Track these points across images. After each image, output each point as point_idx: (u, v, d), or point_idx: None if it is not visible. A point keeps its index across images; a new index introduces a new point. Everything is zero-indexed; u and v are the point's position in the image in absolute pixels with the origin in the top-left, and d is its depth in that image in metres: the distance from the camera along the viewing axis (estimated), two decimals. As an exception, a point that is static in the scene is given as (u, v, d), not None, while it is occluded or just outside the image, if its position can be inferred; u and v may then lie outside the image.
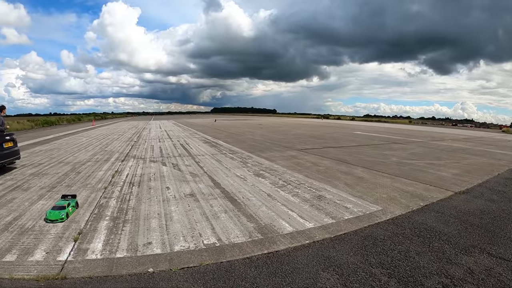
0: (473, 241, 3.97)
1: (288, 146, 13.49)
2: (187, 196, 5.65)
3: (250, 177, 7.28)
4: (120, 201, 5.41)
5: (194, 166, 8.65)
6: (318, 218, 4.66)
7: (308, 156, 10.66)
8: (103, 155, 10.99)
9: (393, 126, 38.68)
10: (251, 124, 34.45)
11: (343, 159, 10.29)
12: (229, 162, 9.33)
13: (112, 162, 9.45)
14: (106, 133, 22.92)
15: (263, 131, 23.53)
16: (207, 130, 24.60)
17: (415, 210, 5.16)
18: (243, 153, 11.19)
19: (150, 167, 8.47)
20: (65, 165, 9.10)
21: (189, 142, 14.93)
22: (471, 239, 4.01)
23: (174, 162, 9.23)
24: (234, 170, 8.13)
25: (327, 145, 14.42)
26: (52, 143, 15.81)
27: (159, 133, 21.38)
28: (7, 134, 8.65)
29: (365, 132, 24.67)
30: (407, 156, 11.43)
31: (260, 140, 16.01)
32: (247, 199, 5.55)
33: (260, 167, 8.53)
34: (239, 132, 21.76)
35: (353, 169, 8.52)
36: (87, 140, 16.86)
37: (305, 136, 19.03)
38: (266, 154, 11.10)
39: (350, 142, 16.13)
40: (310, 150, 12.26)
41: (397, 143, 16.29)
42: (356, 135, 21.30)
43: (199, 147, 12.91)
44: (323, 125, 35.74)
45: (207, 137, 17.72)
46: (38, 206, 5.23)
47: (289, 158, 10.26)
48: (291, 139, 17.18)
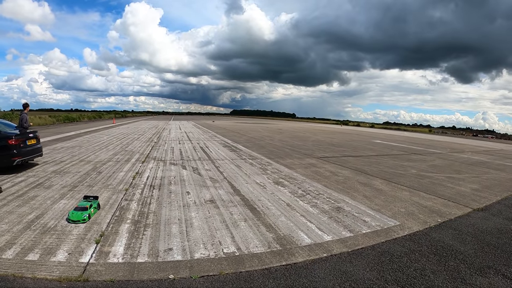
0: (489, 261, 3.90)
1: (308, 153, 13.45)
2: (207, 202, 5.72)
3: (269, 185, 7.30)
4: (141, 204, 5.53)
5: (214, 171, 8.74)
6: (336, 231, 4.64)
7: (327, 165, 10.60)
8: (124, 155, 11.23)
9: (412, 135, 37.79)
10: (271, 129, 34.48)
11: (362, 169, 10.19)
12: (248, 168, 9.38)
13: (132, 163, 9.65)
14: (126, 132, 23.41)
15: (283, 136, 23.53)
16: (227, 133, 24.79)
17: (433, 227, 5.10)
18: (263, 159, 11.23)
19: (170, 170, 8.61)
20: (86, 164, 9.34)
21: (209, 145, 15.10)
22: (487, 260, 3.94)
23: (194, 166, 9.36)
24: (253, 176, 8.17)
25: (346, 153, 14.30)
26: (73, 140, 16.26)
27: (179, 135, 21.69)
28: (30, 132, 8.97)
29: (384, 141, 24.30)
30: (427, 168, 11.24)
31: (280, 146, 16.02)
32: (267, 208, 5.57)
33: (279, 175, 8.54)
34: (259, 137, 21.84)
35: (372, 181, 8.44)
36: (108, 139, 17.26)
37: (324, 143, 18.93)
38: (286, 161, 11.10)
39: (369, 151, 15.95)
40: (329, 159, 12.19)
41: (417, 154, 16.04)
42: (375, 143, 21.02)
43: (219, 151, 13.03)
44: (342, 131, 35.40)
45: (227, 141, 17.87)
46: (60, 205, 5.39)
47: (308, 166, 10.22)
48: (310, 146, 17.13)
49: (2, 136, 7.99)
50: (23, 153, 8.32)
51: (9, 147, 7.97)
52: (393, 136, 32.38)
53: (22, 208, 5.14)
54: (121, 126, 31.37)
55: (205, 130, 27.53)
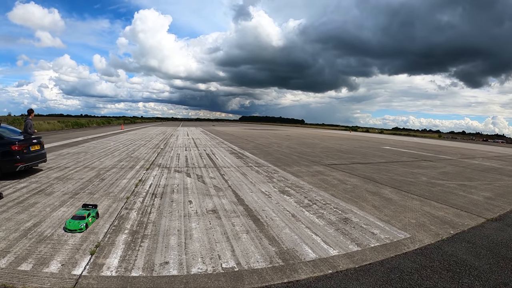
0: (505, 277, 3.68)
1: (315, 161, 13.25)
2: (209, 212, 5.59)
3: (275, 194, 7.14)
4: (141, 213, 5.42)
5: (219, 179, 8.62)
6: (342, 245, 4.46)
7: (335, 173, 10.40)
8: (129, 162, 11.19)
9: (422, 141, 37.18)
10: (279, 135, 34.29)
11: (371, 177, 9.98)
12: (254, 176, 9.24)
13: (137, 170, 9.60)
14: (133, 138, 23.49)
15: (290, 143, 23.34)
16: (234, 139, 24.71)
17: (445, 239, 4.89)
18: (269, 167, 11.08)
19: (174, 178, 8.52)
20: (90, 170, 9.31)
21: (215, 152, 15.01)
22: (503, 275, 3.72)
23: (199, 174, 9.25)
24: (259, 185, 8.02)
25: (354, 160, 14.06)
26: (80, 146, 16.33)
27: (186, 141, 21.67)
28: (34, 137, 8.99)
29: (394, 147, 23.94)
30: (437, 175, 10.99)
31: (287, 153, 15.85)
32: (271, 219, 5.42)
33: (285, 183, 8.38)
34: (266, 143, 21.70)
35: (381, 189, 8.23)
36: (114, 145, 17.31)
37: (333, 150, 18.69)
38: (293, 168, 10.93)
39: (378, 158, 15.67)
40: (338, 166, 11.98)
41: (427, 160, 15.76)
42: (384, 150, 20.71)
43: (225, 158, 12.92)
44: (351, 138, 35.00)
45: (234, 148, 17.78)
46: (59, 213, 5.33)
47: (316, 174, 10.04)
48: (319, 152, 16.91)
49: (5, 142, 8.00)
50: (26, 159, 8.33)
51: (12, 152, 7.98)
52: (403, 142, 31.93)
53: (21, 215, 5.10)
54: (129, 132, 31.55)
55: (213, 137, 27.50)
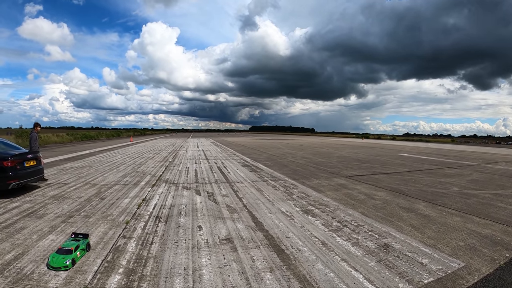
0: None
1: (334, 172, 12.26)
2: (222, 242, 4.66)
3: (297, 215, 6.20)
4: (140, 244, 4.54)
5: (232, 196, 7.71)
6: (390, 283, 3.51)
7: (359, 186, 9.43)
8: (134, 177, 10.39)
9: (437, 146, 35.60)
10: (291, 145, 33.27)
11: (399, 189, 9.03)
12: (271, 192, 8.31)
13: (141, 186, 8.77)
14: (142, 150, 22.82)
15: (305, 153, 22.31)
16: (246, 150, 23.81)
17: (504, 266, 4.01)
18: (287, 181, 10.14)
19: (182, 196, 7.64)
20: (91, 187, 8.55)
21: (227, 165, 14.11)
22: None
23: (209, 190, 8.37)
24: (278, 203, 7.09)
25: (376, 170, 13.01)
26: (85, 159, 15.67)
27: (196, 153, 20.88)
28: (29, 152, 8.27)
29: (411, 154, 22.68)
30: (467, 184, 10.07)
31: (303, 164, 14.87)
32: (297, 249, 4.48)
33: (307, 200, 7.44)
34: (280, 154, 20.73)
35: (414, 204, 7.32)
36: (121, 158, 16.60)
37: (350, 160, 17.62)
38: (312, 182, 9.98)
39: (399, 166, 14.57)
40: (360, 178, 10.98)
41: (450, 167, 14.67)
42: (403, 157, 19.53)
43: (238, 172, 12.02)
44: (365, 146, 33.65)
45: (246, 159, 16.86)
46: (46, 242, 4.56)
47: (338, 188, 9.08)
48: (336, 162, 15.88)
49: (-5, 157, 7.30)
50: (20, 175, 7.60)
51: (4, 169, 7.27)
52: (419, 148, 30.54)
53: (2, 244, 4.37)
54: (138, 145, 30.98)
55: (224, 148, 26.66)
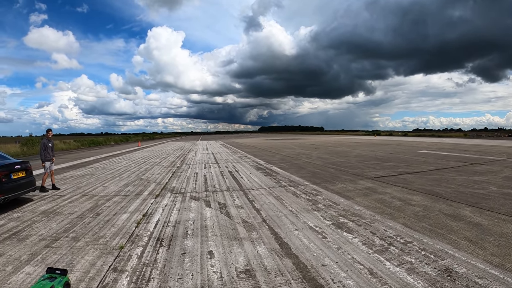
0: None
1: (357, 173, 11.10)
2: (240, 277, 3.58)
3: (329, 231, 5.11)
4: (135, 280, 3.49)
5: (248, 208, 6.63)
6: None
7: (389, 189, 8.30)
8: (137, 186, 9.41)
9: (453, 141, 33.50)
10: (303, 144, 32.03)
11: (434, 191, 7.90)
12: (292, 200, 7.23)
13: (143, 197, 7.77)
14: (149, 155, 21.93)
15: (319, 152, 21.09)
16: (257, 152, 22.71)
17: None
18: (307, 185, 9.04)
19: (189, 209, 6.58)
20: (87, 200, 7.62)
21: (239, 169, 13.04)
22: None
23: (221, 201, 7.30)
24: (303, 215, 6.00)
25: (401, 170, 11.78)
26: (88, 167, 14.81)
27: (205, 156, 19.87)
28: (18, 163, 7.33)
29: (430, 150, 21.09)
30: (504, 183, 8.91)
31: (321, 165, 13.71)
32: (340, 283, 3.39)
33: (336, 210, 6.34)
34: (294, 155, 19.58)
35: (459, 210, 6.23)
36: (126, 164, 15.69)
37: (369, 158, 16.33)
38: (336, 186, 8.86)
39: (423, 164, 13.26)
40: (387, 179, 9.82)
41: (478, 163, 13.30)
42: (423, 154, 18.07)
43: (251, 176, 10.94)
44: (379, 143, 32.11)
45: (259, 162, 15.75)
46: (20, 277, 3.70)
47: (367, 192, 7.96)
48: (355, 162, 14.66)
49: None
50: (6, 189, 6.70)
51: (-14, 183, 6.37)
52: (435, 143, 28.83)
53: None
54: (146, 149, 30.17)
55: (234, 150, 25.61)
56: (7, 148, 26.06)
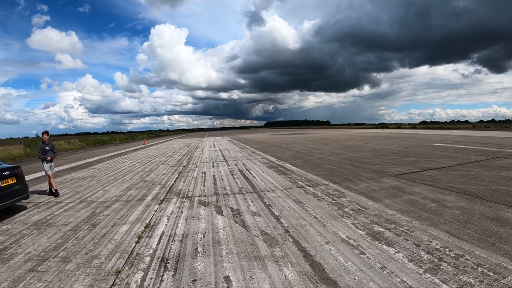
0: None
1: (377, 170, 10.23)
2: (269, 316, 2.79)
3: (366, 244, 4.29)
4: (130, 325, 2.72)
5: (266, 215, 5.82)
6: None
7: (418, 188, 7.44)
8: (140, 189, 8.66)
9: (465, 133, 31.74)
10: (313, 139, 31.07)
11: (466, 190, 7.03)
12: (315, 204, 6.40)
13: (146, 204, 7.01)
14: (154, 154, 21.22)
15: (331, 147, 20.16)
16: (267, 148, 21.87)
17: None
18: (327, 185, 8.22)
19: (198, 218, 5.78)
20: (85, 207, 6.90)
21: (250, 167, 12.23)
22: None
23: (233, 206, 6.50)
24: (330, 223, 5.19)
25: (422, 165, 10.81)
26: (90, 168, 14.11)
27: (212, 154, 19.10)
28: (6, 168, 6.59)
29: (446, 143, 19.75)
30: None
31: (336, 161, 12.84)
32: (399, 322, 2.58)
33: (367, 216, 5.52)
34: (305, 150, 18.70)
35: (500, 212, 5.40)
36: (130, 164, 14.97)
37: (385, 153, 15.32)
38: (359, 186, 8.03)
39: (444, 159, 12.27)
40: (411, 176, 8.95)
41: (499, 157, 12.23)
42: (440, 148, 16.88)
43: (264, 175, 10.12)
44: (390, 136, 30.87)
45: (270, 159, 14.91)
46: None
47: (395, 192, 7.12)
48: (371, 157, 13.72)
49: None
50: (-8, 199, 5.97)
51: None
52: (448, 136, 27.41)
53: None
54: (151, 147, 29.50)
55: (242, 146, 24.78)
56: (10, 150, 25.49)
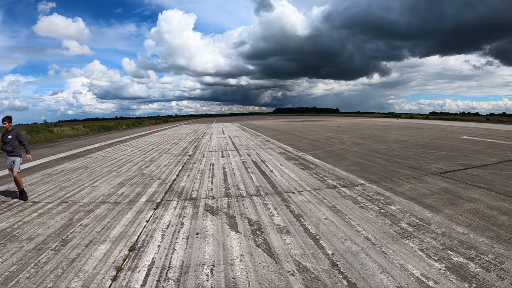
0: None
1: (414, 166, 8.55)
2: None
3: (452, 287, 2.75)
4: None
5: (297, 232, 4.25)
6: None
7: (474, 192, 5.85)
8: (134, 186, 7.18)
9: (482, 126, 28.59)
10: (327, 127, 29.25)
11: None
12: (359, 215, 4.84)
13: (138, 208, 5.50)
14: (158, 140, 19.77)
15: (350, 136, 18.41)
16: (280, 136, 20.23)
17: None
18: (364, 185, 6.64)
19: (204, 237, 4.18)
20: (63, 210, 5.48)
21: (265, 158, 10.64)
22: None
23: (251, 216, 4.93)
24: (390, 249, 3.64)
25: (460, 161, 9.06)
26: (87, 157, 12.72)
27: (221, 141, 17.56)
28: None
29: (470, 136, 17.42)
30: None
31: (363, 154, 11.20)
32: None
33: (434, 236, 3.98)
34: (323, 139, 17.03)
35: None
36: (130, 153, 13.52)
37: (412, 145, 13.43)
38: (403, 187, 6.43)
39: (480, 154, 10.41)
40: (456, 175, 7.31)
41: None
42: (468, 141, 14.65)
43: (284, 170, 8.54)
44: (407, 126, 28.56)
45: (286, 148, 13.29)
46: None
47: (450, 198, 5.54)
48: (400, 149, 11.96)
49: None
50: None
51: None
52: (469, 128, 24.59)
53: None
54: (157, 133, 28.08)
55: (253, 133, 23.15)
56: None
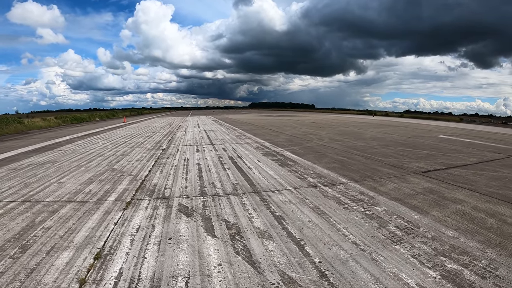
0: None
1: (395, 164, 8.50)
2: None
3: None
4: None
5: (279, 236, 3.98)
6: None
7: (458, 193, 5.81)
8: (103, 183, 6.72)
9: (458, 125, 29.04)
10: (304, 122, 29.18)
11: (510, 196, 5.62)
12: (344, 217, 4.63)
13: (106, 208, 5.09)
14: (132, 133, 19.10)
15: (328, 132, 18.35)
16: (257, 130, 19.95)
17: None
18: (346, 184, 6.47)
19: (177, 243, 3.86)
20: (26, 211, 5.03)
21: (242, 154, 10.34)
22: None
23: (229, 218, 4.61)
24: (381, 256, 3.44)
25: (440, 160, 9.12)
26: (56, 150, 12.03)
27: (196, 135, 17.11)
28: None
29: (447, 135, 17.56)
30: None
31: (342, 150, 11.08)
32: None
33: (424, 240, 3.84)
34: (300, 135, 16.89)
35: None
36: (101, 146, 12.90)
37: (390, 142, 13.47)
38: (386, 186, 6.31)
39: (459, 154, 10.47)
40: (438, 175, 7.29)
41: None
42: (445, 140, 14.79)
43: (262, 166, 8.27)
44: (383, 123, 28.79)
45: (263, 143, 13.04)
46: None
47: (435, 199, 5.47)
48: (379, 147, 11.96)
49: None
50: None
51: None
52: (445, 128, 24.74)
53: None
54: (131, 126, 27.23)
55: (229, 127, 22.75)
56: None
